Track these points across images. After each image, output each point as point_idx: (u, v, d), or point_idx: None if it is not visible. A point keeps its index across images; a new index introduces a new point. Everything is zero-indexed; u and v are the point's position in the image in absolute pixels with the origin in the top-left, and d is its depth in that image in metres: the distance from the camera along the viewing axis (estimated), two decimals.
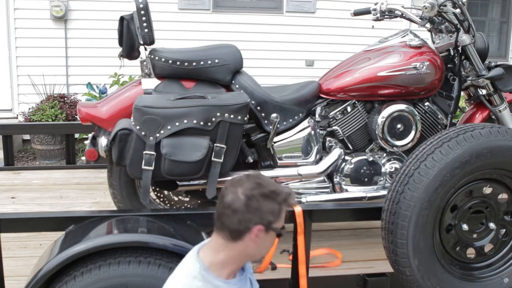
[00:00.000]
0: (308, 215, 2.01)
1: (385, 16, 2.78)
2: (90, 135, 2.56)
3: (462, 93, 2.81)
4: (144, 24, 2.39)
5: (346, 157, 2.65)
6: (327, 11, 6.22)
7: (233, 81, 2.53)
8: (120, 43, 2.46)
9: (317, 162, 2.63)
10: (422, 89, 2.63)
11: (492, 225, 2.06)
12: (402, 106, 2.60)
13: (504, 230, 2.11)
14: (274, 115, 2.53)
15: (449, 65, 2.73)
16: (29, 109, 5.45)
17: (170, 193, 2.80)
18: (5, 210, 3.16)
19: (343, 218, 2.26)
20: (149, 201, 2.46)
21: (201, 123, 2.24)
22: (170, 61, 2.43)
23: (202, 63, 2.45)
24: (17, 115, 5.62)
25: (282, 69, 6.10)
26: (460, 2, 2.57)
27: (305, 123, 2.62)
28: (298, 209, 1.95)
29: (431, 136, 2.27)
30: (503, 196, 2.10)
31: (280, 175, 2.59)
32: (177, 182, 2.49)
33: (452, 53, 2.72)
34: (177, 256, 1.74)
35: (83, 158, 2.56)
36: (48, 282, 1.70)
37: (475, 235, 2.07)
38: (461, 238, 2.05)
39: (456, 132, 1.97)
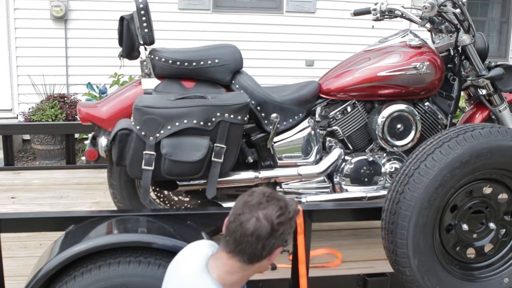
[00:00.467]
0: (308, 215, 2.01)
1: (385, 16, 2.78)
2: (90, 135, 2.56)
3: (462, 93, 2.81)
4: (144, 24, 2.39)
5: (346, 157, 2.65)
6: (327, 11, 6.22)
7: (233, 81, 2.53)
8: (120, 43, 2.46)
9: (317, 162, 2.62)
10: (422, 89, 2.63)
11: (492, 225, 2.06)
12: (402, 106, 2.60)
13: (504, 230, 2.10)
14: (274, 115, 2.53)
15: (449, 65, 2.73)
16: (29, 109, 5.45)
17: (170, 193, 2.80)
18: (5, 210, 3.16)
19: (343, 218, 2.26)
20: (149, 201, 2.46)
21: (201, 123, 2.24)
22: (170, 61, 2.43)
23: (202, 63, 2.45)
24: (17, 115, 5.62)
25: (282, 69, 6.10)
26: (460, 2, 2.57)
27: (305, 123, 2.62)
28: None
29: (431, 136, 2.28)
30: (503, 196, 2.10)
31: (280, 175, 2.59)
32: (177, 182, 2.49)
33: (452, 53, 2.72)
34: None
35: (83, 158, 2.56)
36: (48, 282, 1.70)
37: (475, 235, 2.07)
38: (461, 238, 2.05)
39: (456, 132, 1.97)
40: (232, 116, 2.27)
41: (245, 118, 2.31)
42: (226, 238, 1.39)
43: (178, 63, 2.44)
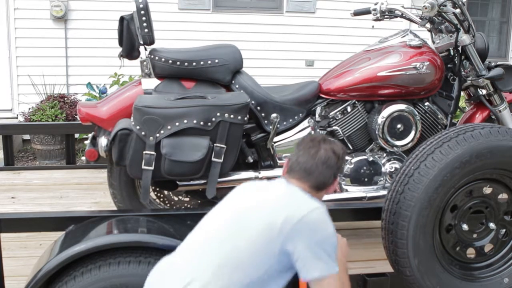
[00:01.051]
0: None
1: (385, 16, 2.78)
2: (90, 135, 2.56)
3: (462, 93, 2.81)
4: (144, 24, 2.39)
5: (346, 157, 2.65)
6: (327, 11, 6.22)
7: (233, 81, 2.53)
8: (120, 43, 2.46)
9: None
10: (422, 89, 2.63)
11: (492, 225, 2.06)
12: (402, 106, 2.60)
13: (504, 230, 2.11)
14: (274, 115, 2.53)
15: (449, 65, 2.73)
16: (29, 109, 5.44)
17: (170, 193, 2.80)
18: (5, 210, 3.16)
19: (343, 218, 2.26)
20: (149, 201, 2.46)
21: (201, 123, 2.24)
22: (170, 61, 2.43)
23: (202, 63, 2.45)
24: (17, 115, 5.62)
25: (282, 69, 6.10)
26: (460, 2, 2.57)
27: (305, 123, 2.62)
28: None
29: (431, 136, 2.28)
30: (503, 196, 2.10)
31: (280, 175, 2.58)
32: (177, 182, 2.49)
33: (452, 53, 2.72)
34: None
35: (83, 158, 2.56)
36: (48, 282, 1.71)
37: (475, 235, 2.07)
38: (461, 238, 2.05)
39: (456, 132, 1.97)
40: (232, 116, 2.27)
41: (245, 118, 2.31)
42: (295, 169, 1.61)
43: (178, 63, 2.44)
